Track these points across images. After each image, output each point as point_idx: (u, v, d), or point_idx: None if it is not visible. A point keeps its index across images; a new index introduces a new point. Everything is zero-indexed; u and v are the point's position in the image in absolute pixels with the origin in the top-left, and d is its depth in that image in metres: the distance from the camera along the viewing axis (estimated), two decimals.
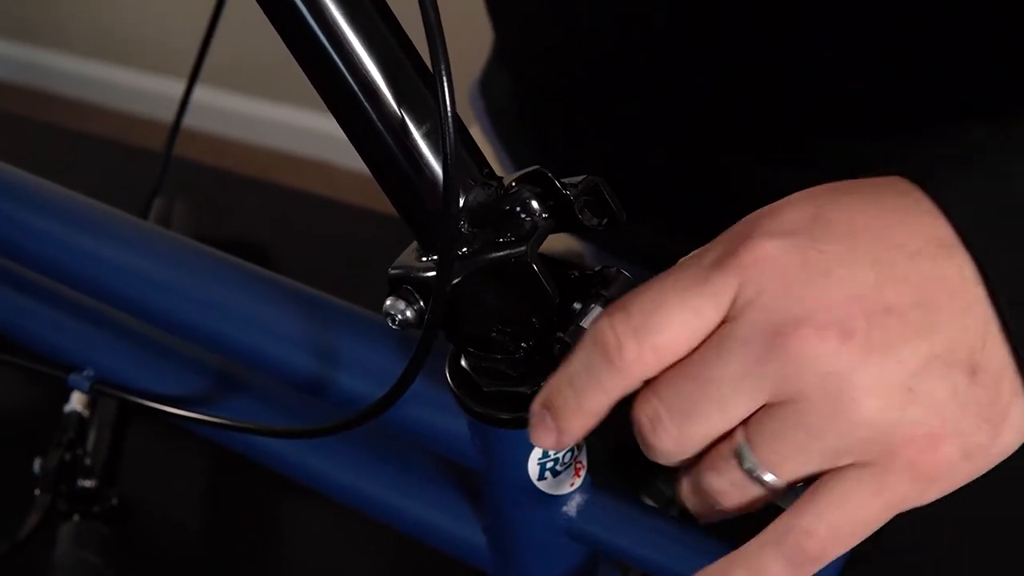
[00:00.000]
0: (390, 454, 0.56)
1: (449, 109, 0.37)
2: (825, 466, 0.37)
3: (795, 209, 0.37)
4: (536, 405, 0.41)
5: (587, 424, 0.40)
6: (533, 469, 0.48)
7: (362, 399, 0.52)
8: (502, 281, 0.42)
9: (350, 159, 2.54)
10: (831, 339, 0.35)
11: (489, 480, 0.50)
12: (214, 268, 0.57)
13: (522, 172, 0.43)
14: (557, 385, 0.40)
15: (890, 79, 0.63)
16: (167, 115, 2.55)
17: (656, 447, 0.39)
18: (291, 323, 0.54)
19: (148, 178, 0.87)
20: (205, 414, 0.57)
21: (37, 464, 0.80)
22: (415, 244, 0.46)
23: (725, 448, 0.38)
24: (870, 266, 0.36)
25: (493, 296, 0.43)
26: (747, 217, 0.39)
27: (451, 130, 0.38)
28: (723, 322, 0.37)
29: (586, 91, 0.73)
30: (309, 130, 2.37)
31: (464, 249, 0.43)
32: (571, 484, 0.49)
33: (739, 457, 0.37)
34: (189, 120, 0.84)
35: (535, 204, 0.42)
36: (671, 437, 0.38)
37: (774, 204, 0.38)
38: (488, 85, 0.85)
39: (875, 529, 0.37)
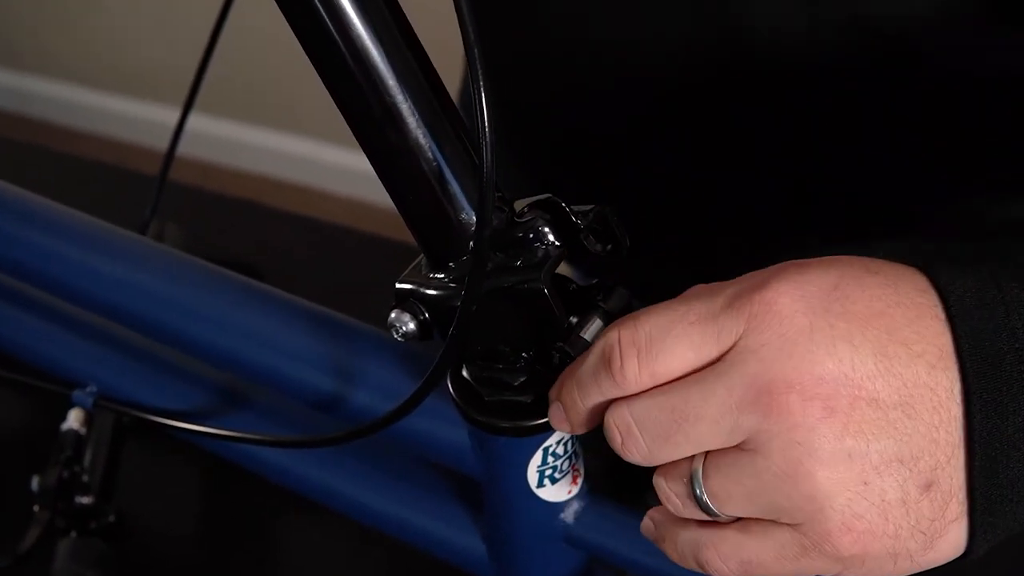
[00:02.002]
0: (389, 464, 0.57)
1: (488, 136, 0.38)
2: (763, 516, 0.39)
3: (819, 273, 0.38)
4: (551, 395, 0.44)
5: (590, 419, 0.42)
6: (532, 476, 0.49)
7: (364, 410, 0.54)
8: (514, 304, 0.44)
9: (336, 185, 2.54)
10: (813, 412, 0.36)
11: (489, 488, 0.51)
12: (217, 284, 0.58)
13: (534, 199, 0.45)
14: (567, 382, 0.43)
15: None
16: (150, 141, 2.55)
17: (624, 456, 0.41)
18: (294, 337, 0.55)
19: (135, 202, 0.88)
20: (209, 427, 0.59)
21: (35, 481, 0.80)
22: (423, 260, 0.47)
23: (683, 466, 0.40)
24: (871, 355, 0.37)
25: (504, 317, 0.44)
26: (773, 266, 0.40)
27: (489, 156, 0.39)
28: (718, 357, 0.38)
29: (578, 117, 0.74)
30: (293, 155, 2.38)
31: (497, 262, 0.44)
32: (569, 491, 0.51)
33: (692, 481, 0.39)
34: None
35: (549, 234, 0.44)
36: (640, 452, 0.40)
37: (802, 260, 0.39)
38: (470, 101, 0.86)
39: None
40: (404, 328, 0.46)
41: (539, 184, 0.77)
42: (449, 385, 0.48)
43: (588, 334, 0.44)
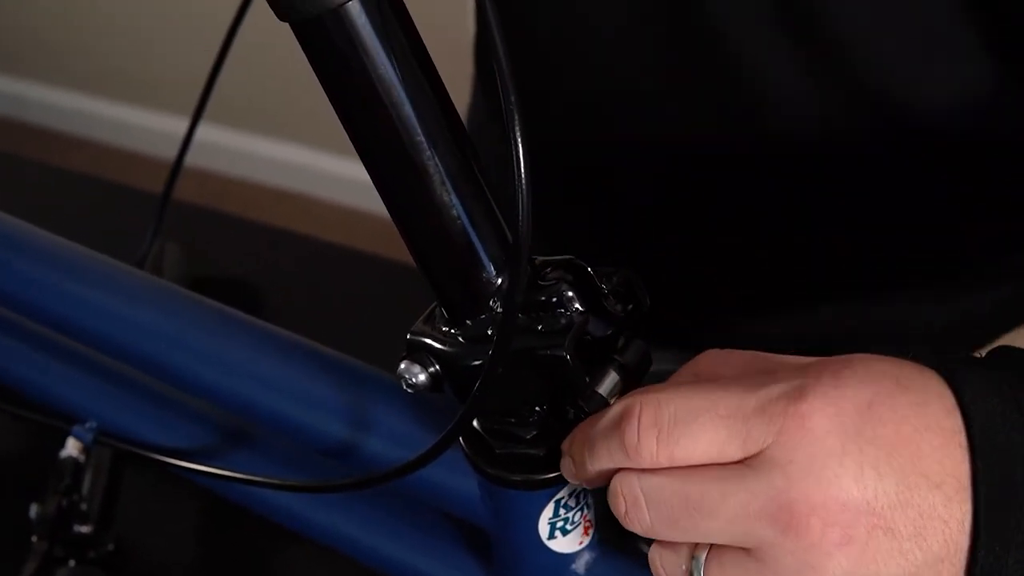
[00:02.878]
0: (397, 509, 0.57)
1: (525, 195, 0.37)
2: None
3: (855, 389, 0.38)
4: (563, 447, 0.44)
5: (598, 479, 0.42)
6: (544, 528, 0.49)
7: (372, 456, 0.53)
8: (535, 368, 0.43)
9: (333, 193, 2.54)
10: (832, 538, 0.36)
11: (499, 539, 0.51)
12: (221, 323, 0.58)
13: (555, 258, 0.44)
14: (578, 440, 0.43)
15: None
16: (145, 148, 2.54)
17: (623, 523, 0.41)
18: (302, 381, 0.55)
19: (129, 215, 0.86)
20: (212, 467, 0.58)
21: (34, 510, 0.80)
22: (437, 310, 0.46)
23: (683, 549, 0.40)
24: (895, 484, 0.37)
25: (522, 377, 0.43)
26: (809, 366, 0.39)
27: (526, 230, 0.38)
28: (741, 459, 0.38)
29: (587, 159, 0.74)
30: (291, 164, 2.37)
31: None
32: (580, 542, 0.50)
33: (691, 567, 0.39)
34: (167, 154, 0.84)
35: (574, 300, 0.43)
36: (642, 526, 0.40)
37: (838, 367, 0.39)
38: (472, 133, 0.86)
39: None
40: (415, 380, 0.46)
41: (545, 215, 0.77)
42: (460, 436, 0.48)
43: (603, 389, 0.44)
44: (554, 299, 0.43)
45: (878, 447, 0.37)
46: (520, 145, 0.37)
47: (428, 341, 0.45)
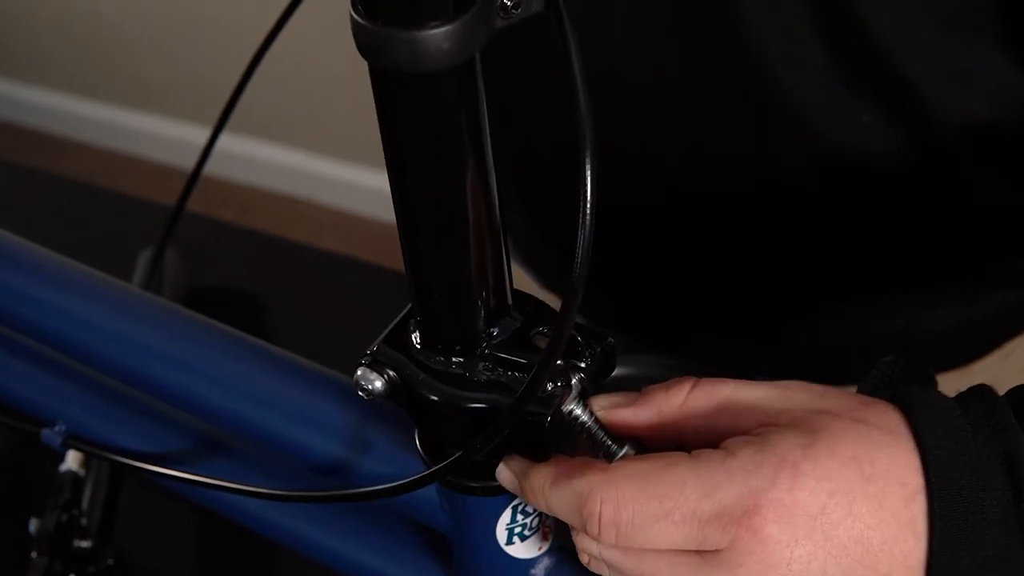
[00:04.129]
0: (362, 515, 0.57)
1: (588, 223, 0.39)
2: None
3: (810, 493, 0.39)
4: (506, 475, 0.45)
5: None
6: (502, 534, 0.49)
7: (340, 465, 0.53)
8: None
9: (331, 197, 2.54)
10: None
11: (459, 545, 0.51)
12: (201, 335, 0.58)
13: (547, 329, 0.45)
14: (533, 491, 0.44)
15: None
16: (143, 151, 2.55)
17: (588, 567, 0.44)
18: (271, 387, 0.55)
19: (126, 222, 0.86)
20: (183, 472, 0.58)
21: (33, 525, 0.81)
22: (411, 325, 0.46)
23: None
24: None
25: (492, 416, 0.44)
26: (765, 470, 0.40)
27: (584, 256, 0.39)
28: (697, 553, 0.40)
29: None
30: (286, 167, 2.38)
31: (484, 375, 0.44)
32: (539, 548, 0.50)
33: None
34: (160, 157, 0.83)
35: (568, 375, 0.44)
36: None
37: (799, 459, 0.40)
38: None
39: None
40: (371, 387, 0.46)
41: (548, 232, 0.77)
42: (417, 443, 0.48)
43: (569, 406, 0.44)
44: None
45: (827, 550, 0.39)
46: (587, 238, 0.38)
47: (405, 362, 0.45)
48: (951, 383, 0.84)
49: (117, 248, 0.88)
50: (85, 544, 0.83)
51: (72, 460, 0.85)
